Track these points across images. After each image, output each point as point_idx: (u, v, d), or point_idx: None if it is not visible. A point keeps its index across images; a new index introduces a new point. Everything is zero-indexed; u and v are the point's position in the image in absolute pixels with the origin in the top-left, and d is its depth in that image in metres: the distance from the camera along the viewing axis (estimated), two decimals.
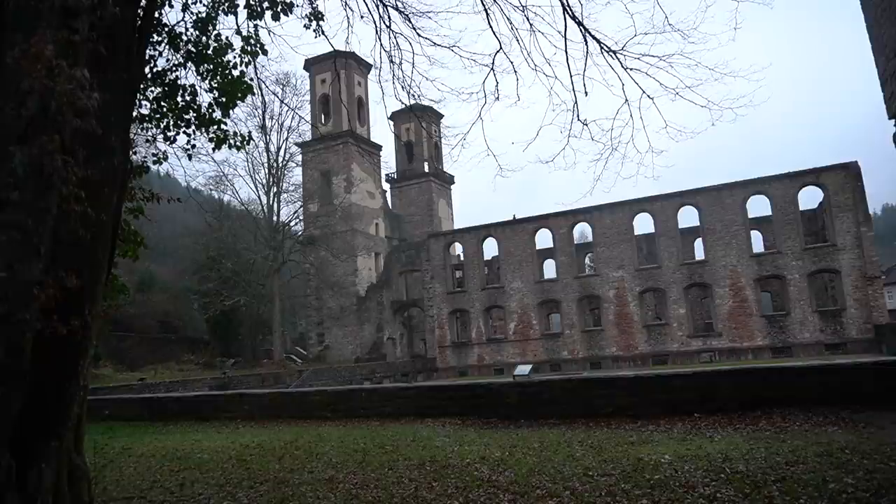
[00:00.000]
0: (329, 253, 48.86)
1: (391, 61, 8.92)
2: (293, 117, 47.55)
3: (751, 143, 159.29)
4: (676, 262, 38.74)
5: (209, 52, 6.81)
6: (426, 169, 64.75)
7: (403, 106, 9.87)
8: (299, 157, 53.74)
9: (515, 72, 9.19)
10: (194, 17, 6.79)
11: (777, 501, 5.33)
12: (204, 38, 6.82)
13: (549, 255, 44.84)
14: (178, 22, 6.73)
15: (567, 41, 8.38)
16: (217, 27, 6.93)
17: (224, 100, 6.95)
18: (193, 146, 7.37)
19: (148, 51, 5.87)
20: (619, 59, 8.45)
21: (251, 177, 48.32)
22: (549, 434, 9.64)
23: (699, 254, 40.14)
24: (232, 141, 7.32)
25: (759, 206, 38.60)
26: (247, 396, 15.78)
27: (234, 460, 9.13)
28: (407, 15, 8.71)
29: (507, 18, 8.43)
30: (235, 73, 7.04)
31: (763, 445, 7.51)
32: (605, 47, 8.42)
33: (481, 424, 11.22)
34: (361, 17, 8.59)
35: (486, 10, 8.40)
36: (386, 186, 63.40)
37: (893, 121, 5.14)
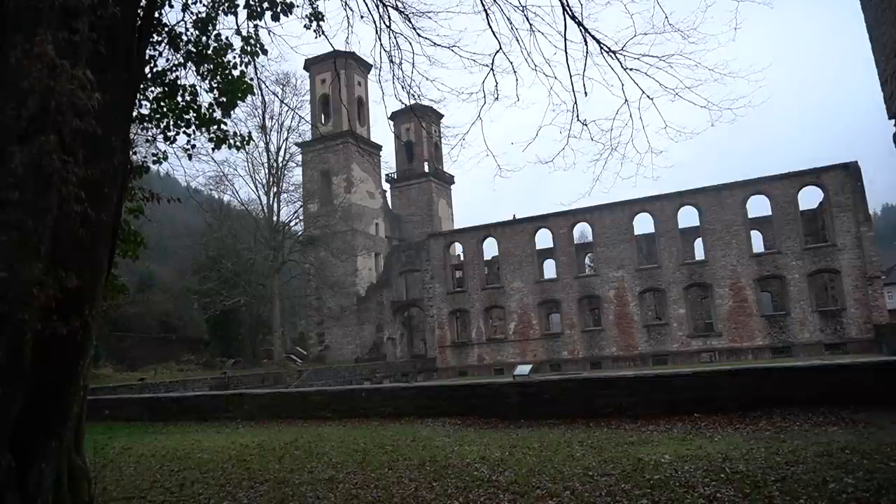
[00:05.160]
0: (329, 253, 48.85)
1: (391, 61, 8.93)
2: (293, 117, 47.47)
3: (751, 143, 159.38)
4: (676, 262, 38.73)
5: (209, 52, 6.82)
6: (426, 169, 64.75)
7: (403, 106, 9.87)
8: (299, 157, 53.69)
9: (515, 72, 9.19)
10: (194, 17, 6.80)
11: (777, 501, 5.33)
12: (204, 38, 6.82)
13: (549, 255, 44.82)
14: (178, 22, 6.74)
15: (567, 41, 8.38)
16: (217, 27, 6.94)
17: (224, 100, 6.96)
18: (193, 146, 7.39)
19: (148, 51, 5.87)
20: (618, 60, 8.45)
21: (251, 177, 48.19)
22: (549, 434, 9.64)
23: (699, 254, 40.13)
24: (232, 141, 7.33)
25: (759, 206, 38.64)
26: (247, 396, 15.77)
27: (234, 460, 9.13)
28: (407, 15, 8.71)
29: (507, 18, 8.43)
30: (235, 73, 7.05)
31: (763, 445, 7.51)
32: (604, 47, 8.42)
33: (481, 424, 11.21)
34: (361, 17, 8.59)
35: (485, 10, 8.40)
36: (386, 186, 63.44)
37: (893, 121, 5.14)
